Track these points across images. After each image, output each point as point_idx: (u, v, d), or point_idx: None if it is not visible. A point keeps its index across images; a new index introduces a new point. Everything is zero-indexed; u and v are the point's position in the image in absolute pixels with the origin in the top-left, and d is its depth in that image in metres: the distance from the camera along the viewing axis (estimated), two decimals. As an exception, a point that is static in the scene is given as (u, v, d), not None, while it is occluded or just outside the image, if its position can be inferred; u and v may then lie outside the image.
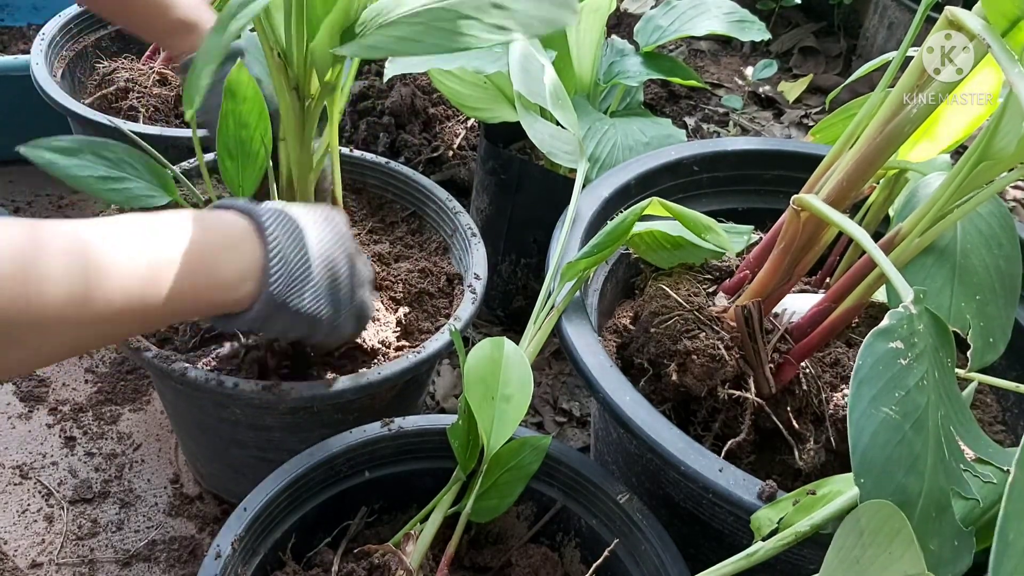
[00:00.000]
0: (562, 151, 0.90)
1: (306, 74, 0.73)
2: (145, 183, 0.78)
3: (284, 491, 0.69)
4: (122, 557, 0.97)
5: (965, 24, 0.58)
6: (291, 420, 0.85)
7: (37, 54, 1.21)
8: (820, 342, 0.74)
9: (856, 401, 0.50)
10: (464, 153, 1.47)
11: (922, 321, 0.53)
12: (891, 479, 0.49)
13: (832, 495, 0.58)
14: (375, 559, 0.68)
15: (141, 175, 0.78)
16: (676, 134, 1.13)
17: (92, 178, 0.75)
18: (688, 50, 2.09)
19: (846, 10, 2.10)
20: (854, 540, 0.48)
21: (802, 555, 0.66)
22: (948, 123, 0.79)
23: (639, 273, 0.92)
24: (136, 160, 0.78)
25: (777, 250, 0.75)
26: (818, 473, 0.74)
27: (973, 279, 0.71)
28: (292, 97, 0.74)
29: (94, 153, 0.76)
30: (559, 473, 0.75)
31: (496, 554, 0.75)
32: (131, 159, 0.78)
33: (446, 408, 1.19)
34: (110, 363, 1.19)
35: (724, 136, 1.79)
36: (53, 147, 0.75)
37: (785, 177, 0.98)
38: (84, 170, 0.75)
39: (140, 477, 1.06)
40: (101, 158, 0.76)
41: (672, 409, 0.79)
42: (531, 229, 1.19)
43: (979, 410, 0.87)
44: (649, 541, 0.69)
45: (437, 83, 1.08)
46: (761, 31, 1.18)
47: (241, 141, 0.79)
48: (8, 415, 1.11)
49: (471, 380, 0.67)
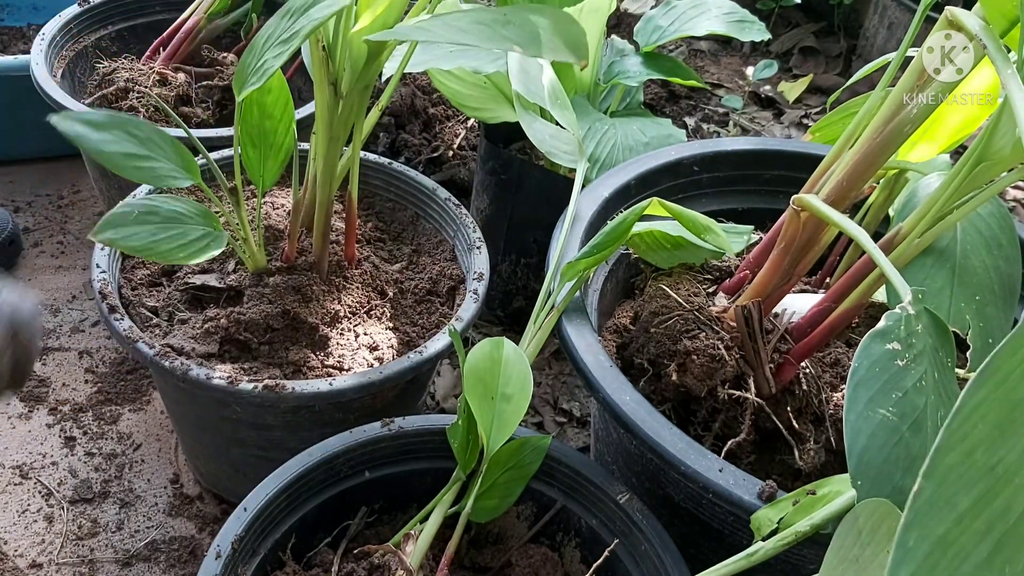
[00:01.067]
0: (562, 151, 0.91)
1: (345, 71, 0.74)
2: (171, 164, 0.77)
3: (284, 491, 0.70)
4: (122, 557, 0.97)
5: (965, 24, 0.58)
6: (292, 419, 0.85)
7: (37, 54, 1.21)
8: (820, 342, 0.74)
9: (852, 403, 0.50)
10: (464, 153, 1.47)
11: (921, 321, 0.53)
12: (888, 480, 0.49)
13: (832, 495, 0.58)
14: (375, 559, 0.68)
15: (168, 156, 0.78)
16: (676, 134, 1.13)
17: (119, 154, 0.75)
18: (688, 50, 2.09)
19: (846, 10, 2.10)
20: (853, 539, 0.48)
21: (802, 555, 0.66)
22: (948, 123, 0.79)
23: (639, 273, 0.92)
24: (163, 140, 0.78)
25: (777, 250, 0.75)
26: (818, 473, 0.74)
27: (973, 279, 0.71)
28: (330, 92, 0.75)
29: (123, 129, 0.76)
30: (559, 473, 0.75)
31: (496, 554, 0.75)
32: (158, 139, 0.77)
33: (446, 408, 1.19)
34: (110, 363, 1.19)
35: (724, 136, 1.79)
36: (84, 120, 0.74)
37: (785, 177, 0.98)
38: (112, 145, 0.75)
39: (140, 477, 1.06)
40: (130, 135, 0.76)
41: (672, 409, 0.79)
42: (531, 229, 1.19)
43: (979, 410, 0.87)
44: (649, 541, 0.69)
45: (437, 83, 1.08)
46: (761, 31, 1.18)
47: (264, 132, 0.79)
48: (8, 415, 1.11)
49: (471, 380, 0.67)
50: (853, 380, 0.50)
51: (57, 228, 1.40)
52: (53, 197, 1.46)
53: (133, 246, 0.73)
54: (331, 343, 0.87)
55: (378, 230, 1.05)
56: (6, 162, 1.49)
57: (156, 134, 0.77)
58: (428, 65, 0.97)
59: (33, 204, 1.44)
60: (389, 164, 1.06)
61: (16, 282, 0.68)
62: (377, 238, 1.04)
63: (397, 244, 1.05)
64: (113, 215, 0.73)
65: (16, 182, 1.47)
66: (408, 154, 1.43)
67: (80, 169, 1.49)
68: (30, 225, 1.40)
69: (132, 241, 0.73)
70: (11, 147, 1.47)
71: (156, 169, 0.77)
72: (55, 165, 1.51)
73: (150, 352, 0.80)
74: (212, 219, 0.79)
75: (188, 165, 0.79)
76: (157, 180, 0.77)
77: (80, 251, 1.37)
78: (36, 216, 1.41)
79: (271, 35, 0.66)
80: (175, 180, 0.77)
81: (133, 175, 0.76)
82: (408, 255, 1.03)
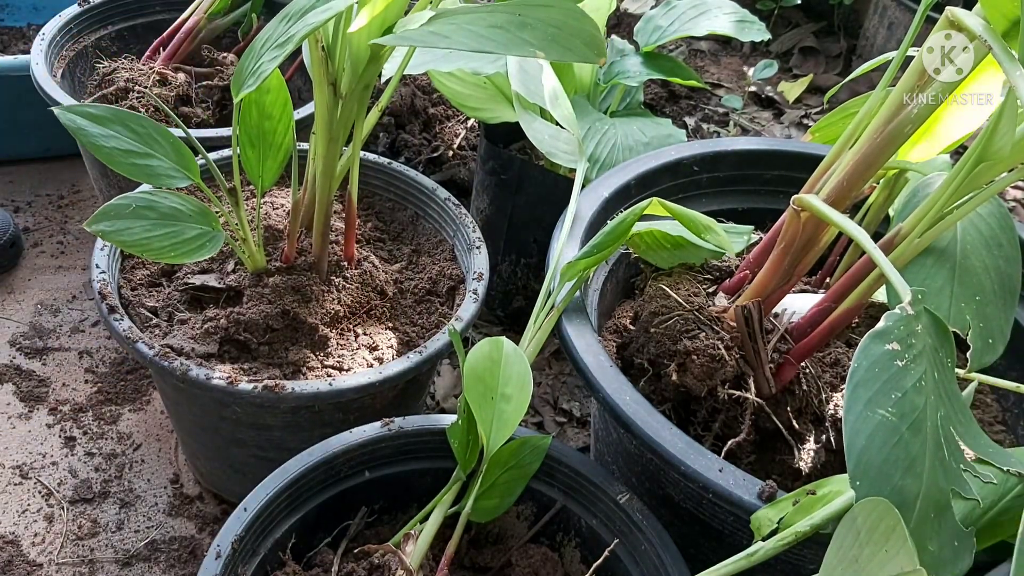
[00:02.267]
0: (562, 151, 0.91)
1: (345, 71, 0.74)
2: (169, 162, 0.77)
3: (284, 491, 0.70)
4: (122, 557, 0.97)
5: (965, 24, 0.58)
6: (292, 419, 0.85)
7: (37, 54, 1.21)
8: (820, 342, 0.74)
9: (852, 403, 0.50)
10: (464, 153, 1.47)
11: (920, 322, 0.53)
12: (888, 481, 0.49)
13: (832, 495, 0.58)
14: (375, 559, 0.68)
15: (167, 154, 0.77)
16: (676, 134, 1.13)
17: (117, 151, 0.74)
18: (688, 50, 2.09)
19: (846, 10, 2.10)
20: (852, 539, 0.48)
21: (802, 555, 0.66)
22: (948, 123, 0.79)
23: (639, 273, 0.92)
24: (163, 138, 0.77)
25: (777, 250, 0.75)
26: (818, 473, 0.74)
27: (973, 279, 0.71)
28: (329, 92, 0.75)
29: (125, 125, 0.75)
30: (559, 473, 0.75)
31: (496, 554, 0.75)
32: (159, 135, 0.77)
33: (446, 408, 1.19)
34: (110, 363, 1.19)
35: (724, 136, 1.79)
36: (86, 113, 0.74)
37: (785, 177, 0.98)
38: (111, 141, 0.74)
39: (140, 477, 1.06)
40: (131, 131, 0.75)
41: (672, 409, 0.79)
42: (531, 229, 1.19)
43: (979, 410, 0.87)
44: (649, 541, 0.69)
45: (437, 83, 1.08)
46: (761, 31, 1.18)
47: (263, 132, 0.79)
48: (8, 415, 1.11)
49: (470, 380, 0.67)
50: (853, 380, 0.50)
51: (57, 228, 1.40)
52: (53, 197, 1.46)
53: (125, 241, 0.73)
54: (331, 343, 0.87)
55: (378, 230, 1.05)
56: (6, 162, 1.49)
57: (156, 131, 0.77)
58: (428, 66, 0.97)
59: (33, 204, 1.44)
60: (389, 164, 1.06)
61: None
62: (377, 238, 1.04)
63: (397, 244, 1.05)
64: (110, 206, 0.72)
65: (16, 182, 1.47)
66: (408, 154, 1.43)
67: (80, 169, 1.49)
68: (30, 225, 1.40)
69: (125, 236, 0.72)
70: (11, 147, 1.47)
71: (154, 167, 0.76)
72: (55, 165, 1.51)
73: (150, 352, 0.80)
74: (211, 218, 0.79)
75: (187, 164, 0.78)
76: (154, 178, 0.76)
77: (80, 251, 1.37)
78: (36, 216, 1.41)
79: (269, 38, 0.66)
80: (173, 179, 0.77)
81: (130, 172, 0.75)
82: (408, 255, 1.03)
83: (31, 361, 1.18)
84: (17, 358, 1.18)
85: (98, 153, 0.74)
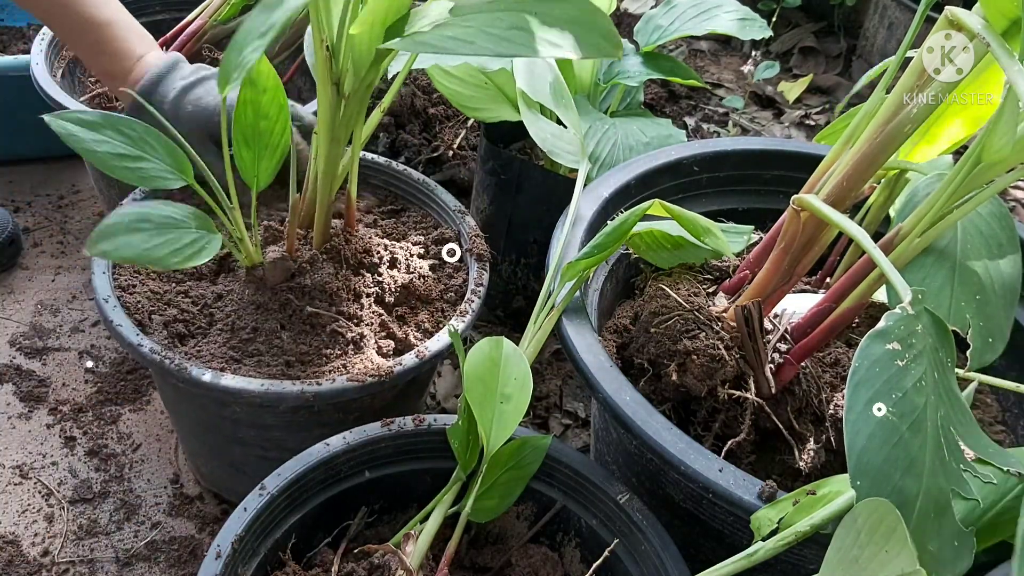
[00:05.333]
0: (564, 150, 0.91)
1: (349, 71, 0.73)
2: (162, 164, 0.77)
3: (284, 491, 0.70)
4: (122, 557, 0.97)
5: (965, 24, 0.58)
6: (292, 419, 0.85)
7: (37, 54, 1.21)
8: (820, 342, 0.74)
9: (852, 403, 0.50)
10: (464, 153, 1.47)
11: (921, 321, 0.53)
12: (888, 481, 0.49)
13: (832, 495, 0.58)
14: (375, 559, 0.68)
15: (160, 155, 0.77)
16: (676, 134, 1.13)
17: (108, 155, 0.74)
18: (688, 50, 2.09)
19: (846, 10, 2.10)
20: (852, 539, 0.48)
21: (802, 555, 0.66)
22: (948, 123, 0.79)
23: (639, 273, 0.92)
24: (156, 140, 0.77)
25: (777, 250, 0.75)
26: (818, 473, 0.74)
27: (973, 279, 0.71)
28: (332, 91, 0.74)
29: (116, 129, 0.76)
30: (559, 473, 0.75)
31: (496, 554, 0.75)
32: (151, 138, 0.77)
33: (447, 408, 1.19)
34: (110, 363, 1.19)
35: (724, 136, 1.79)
36: (76, 119, 0.74)
37: (785, 177, 0.98)
38: (102, 145, 0.74)
39: (140, 477, 1.06)
40: (122, 135, 0.76)
41: (672, 409, 0.79)
42: (531, 229, 1.19)
43: (979, 410, 0.87)
44: (649, 541, 0.69)
45: (437, 84, 1.08)
46: (763, 28, 1.18)
47: (259, 132, 0.79)
48: (8, 415, 1.11)
49: (470, 380, 0.67)
50: (853, 380, 0.50)
51: (57, 228, 1.40)
52: (53, 197, 1.46)
53: (127, 256, 0.73)
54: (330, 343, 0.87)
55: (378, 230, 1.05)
56: (6, 162, 1.49)
57: (148, 133, 0.77)
58: (433, 62, 0.98)
59: (33, 204, 1.44)
60: (389, 164, 1.06)
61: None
62: (378, 239, 1.04)
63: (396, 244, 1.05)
64: (105, 226, 0.72)
65: (16, 182, 1.47)
66: (408, 154, 1.43)
67: (80, 169, 1.49)
68: (30, 225, 1.40)
69: (126, 251, 0.72)
70: (11, 147, 1.47)
71: (146, 170, 0.76)
72: (55, 165, 1.51)
73: (150, 352, 0.80)
74: (206, 222, 0.79)
75: (181, 165, 0.79)
76: (147, 181, 0.76)
77: (80, 251, 1.37)
78: (36, 216, 1.41)
79: (251, 29, 0.65)
80: (166, 181, 0.77)
81: (123, 175, 0.75)
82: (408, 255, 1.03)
83: (31, 361, 1.18)
84: (17, 358, 1.18)
85: (91, 158, 0.74)
